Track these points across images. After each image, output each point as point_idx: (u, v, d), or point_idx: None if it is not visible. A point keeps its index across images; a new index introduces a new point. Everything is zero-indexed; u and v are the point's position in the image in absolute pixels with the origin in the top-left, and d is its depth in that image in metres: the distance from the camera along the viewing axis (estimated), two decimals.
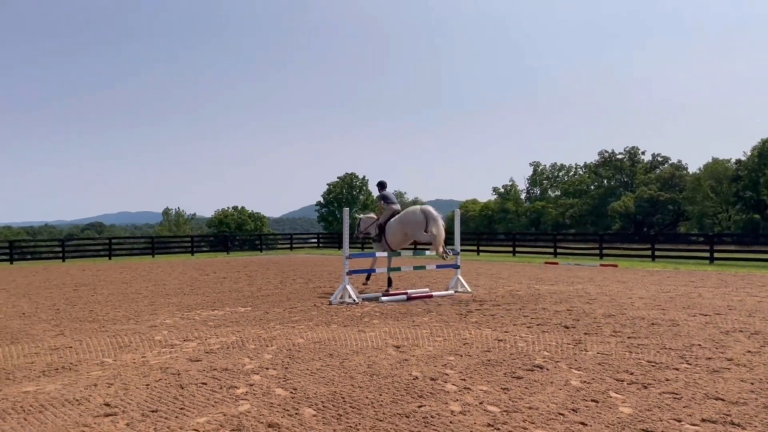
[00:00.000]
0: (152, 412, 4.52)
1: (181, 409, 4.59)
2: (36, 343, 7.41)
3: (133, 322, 8.95)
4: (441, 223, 11.82)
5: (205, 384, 5.29)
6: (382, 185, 13.26)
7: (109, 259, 29.62)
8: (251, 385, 5.25)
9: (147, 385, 5.29)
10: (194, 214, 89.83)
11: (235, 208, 76.67)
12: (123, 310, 10.16)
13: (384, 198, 13.00)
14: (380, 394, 4.90)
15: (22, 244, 37.09)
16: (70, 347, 7.08)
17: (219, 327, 8.35)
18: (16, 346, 7.20)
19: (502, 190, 77.49)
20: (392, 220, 12.50)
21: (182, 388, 5.17)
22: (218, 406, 4.64)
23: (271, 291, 12.91)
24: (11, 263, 27.21)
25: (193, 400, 4.82)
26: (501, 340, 7.12)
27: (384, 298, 10.86)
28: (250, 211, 75.04)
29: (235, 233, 58.11)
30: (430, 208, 12.01)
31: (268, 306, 10.47)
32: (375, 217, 13.41)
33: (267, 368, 5.85)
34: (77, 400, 4.84)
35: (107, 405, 4.71)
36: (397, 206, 12.95)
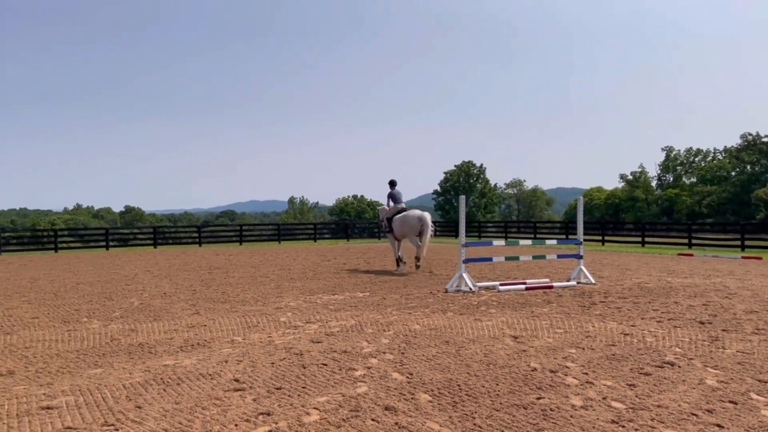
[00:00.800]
0: (277, 389, 4.75)
1: (303, 387, 4.79)
2: (175, 320, 8.05)
3: (260, 303, 9.46)
4: (430, 232, 14.43)
5: (325, 365, 5.48)
6: (392, 184, 15.69)
7: (240, 244, 31.53)
8: (369, 368, 5.36)
9: (272, 363, 5.57)
10: (317, 203, 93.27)
11: (354, 196, 78.66)
12: (252, 293, 10.77)
13: (392, 196, 15.52)
14: (497, 384, 4.82)
15: (165, 230, 40.47)
16: (205, 325, 7.61)
17: (339, 311, 8.62)
18: (158, 323, 7.87)
19: (630, 177, 73.33)
20: (397, 216, 14.97)
21: (304, 368, 5.39)
22: (337, 387, 4.78)
23: (389, 277, 13.11)
24: (155, 247, 29.76)
25: (315, 379, 5.01)
26: (627, 335, 6.74)
27: (502, 288, 10.68)
28: (369, 200, 76.64)
29: (354, 221, 59.70)
30: (427, 218, 14.35)
31: (385, 292, 10.65)
32: (387, 209, 15.62)
33: (384, 352, 5.95)
34: (210, 375, 5.19)
35: (236, 380, 5.01)
36: (402, 205, 15.42)
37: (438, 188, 77.81)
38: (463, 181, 75.72)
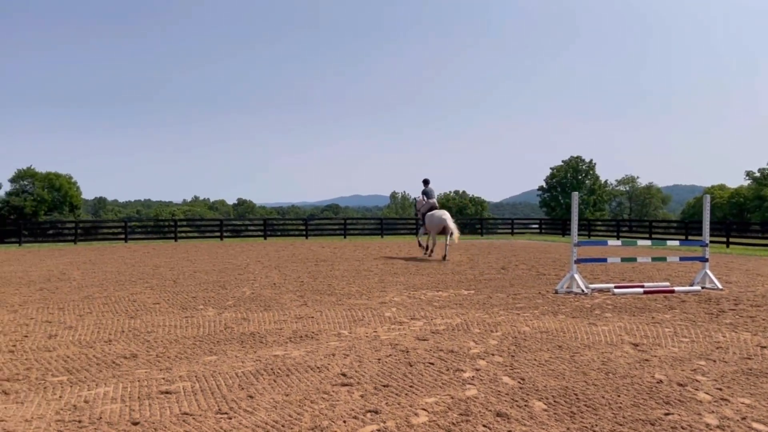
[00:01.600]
0: (384, 386, 4.68)
1: (411, 386, 4.68)
2: (284, 311, 8.23)
3: (365, 297, 9.50)
4: (453, 225, 17.03)
5: (432, 364, 5.34)
6: (425, 182, 18.51)
7: (344, 237, 32.14)
8: (477, 370, 5.17)
9: (378, 359, 5.52)
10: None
11: (456, 192, 78.00)
12: (356, 286, 10.85)
13: (426, 193, 18.18)
14: (618, 395, 4.47)
15: (274, 222, 42.05)
16: (312, 317, 7.72)
17: (444, 308, 8.46)
18: (268, 313, 8.08)
19: (758, 174, 67.52)
20: (428, 213, 17.47)
21: (411, 366, 5.29)
22: (446, 388, 4.63)
23: (494, 276, 12.78)
24: (265, 238, 30.98)
25: (422, 379, 4.89)
26: (765, 347, 6.09)
27: (617, 290, 10.06)
28: (470, 196, 75.75)
29: (456, 217, 59.33)
30: (447, 218, 17.04)
31: (491, 290, 10.36)
32: (421, 203, 18.24)
33: (493, 354, 5.73)
34: (318, 368, 5.21)
35: (344, 375, 4.99)
36: (434, 201, 18.14)
37: (543, 184, 75.50)
38: (571, 177, 72.96)
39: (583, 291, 10.05)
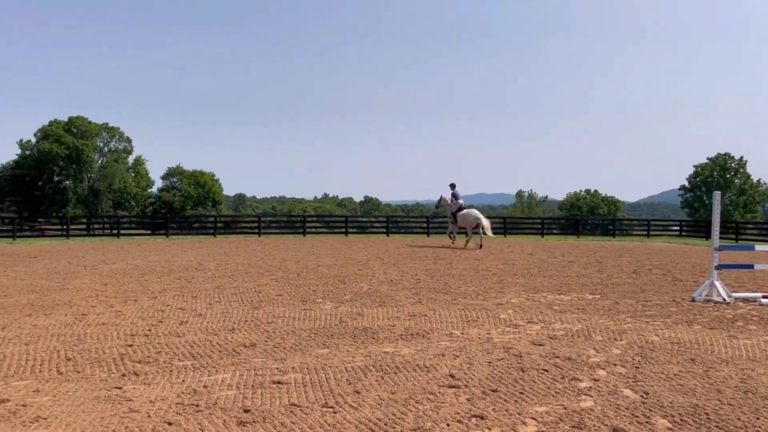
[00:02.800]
0: (492, 391, 4.51)
1: (521, 393, 4.47)
2: (398, 308, 8.24)
3: (481, 298, 9.29)
4: (486, 221, 20.80)
5: (546, 371, 5.08)
6: (452, 186, 22.08)
7: (465, 235, 31.81)
8: (596, 380, 4.84)
9: (489, 362, 5.34)
10: (546, 197, 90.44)
11: (587, 191, 74.63)
12: (473, 286, 10.65)
13: (455, 196, 21.79)
14: (757, 418, 3.98)
15: (397, 219, 42.59)
16: (425, 315, 7.66)
17: (564, 312, 8.05)
18: (382, 309, 8.14)
19: None
20: (460, 212, 21.03)
21: (523, 371, 5.06)
22: (559, 398, 4.37)
23: (623, 280, 12.00)
24: (387, 235, 31.45)
25: (533, 386, 4.66)
26: None
27: (765, 300, 9.05)
28: (603, 195, 72.14)
29: (586, 217, 56.58)
30: (480, 216, 20.73)
31: (618, 296, 9.72)
32: (450, 203, 21.84)
33: (615, 364, 5.34)
34: (426, 367, 5.14)
35: (452, 376, 4.88)
36: (461, 202, 21.70)
37: (686, 183, 70.09)
38: (718, 176, 67.12)
39: (724, 300, 9.14)
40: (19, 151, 68.40)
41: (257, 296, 9.23)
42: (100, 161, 71.44)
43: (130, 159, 76.07)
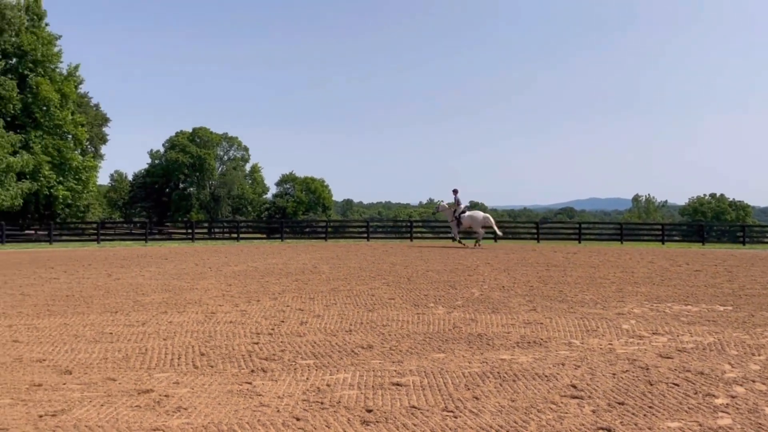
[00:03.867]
0: (618, 404, 4.33)
1: (650, 407, 4.26)
2: (512, 315, 8.11)
3: (600, 307, 8.93)
4: (492, 220, 24.69)
5: (676, 385, 4.80)
6: (455, 192, 24.36)
7: (579, 242, 30.71)
8: (733, 396, 4.51)
9: (613, 374, 5.13)
10: (665, 201, 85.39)
11: (712, 195, 69.73)
12: (590, 294, 10.26)
13: (457, 201, 24.21)
14: None
15: (505, 224, 41.80)
16: (541, 323, 7.49)
17: (693, 324, 7.57)
18: (495, 315, 8.04)
19: None
20: (464, 214, 23.82)
21: (651, 384, 4.82)
22: (693, 414, 4.12)
23: (758, 291, 11.08)
24: (495, 241, 31.00)
25: (663, 400, 4.42)
26: None
27: None
28: (730, 200, 67.07)
29: (712, 223, 52.77)
30: (487, 215, 24.97)
31: (753, 308, 8.99)
32: (448, 207, 24.55)
33: (753, 381, 4.95)
34: (546, 376, 5.03)
35: (574, 387, 4.74)
36: (463, 206, 24.40)
37: None
38: None
39: None
40: (149, 161, 74.11)
41: (371, 299, 9.43)
42: (220, 169, 75.90)
43: (248, 167, 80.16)
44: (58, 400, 4.53)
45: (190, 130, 73.59)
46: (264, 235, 35.90)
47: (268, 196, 79.19)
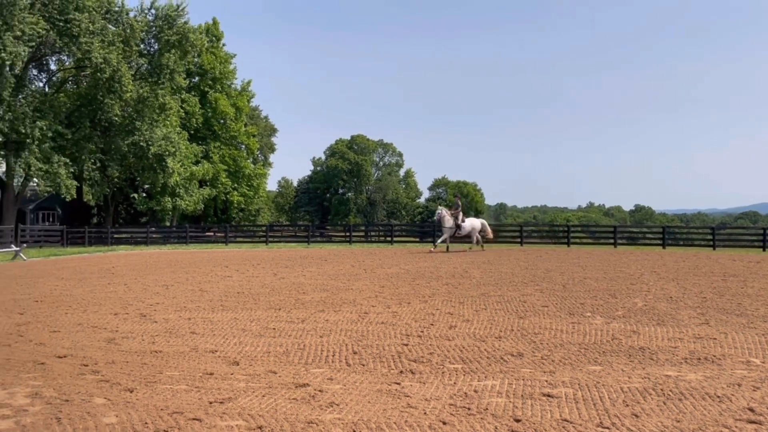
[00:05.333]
0: None
1: None
2: (680, 328, 7.44)
3: None
4: (488, 226, 25.69)
5: None
6: (457, 197, 26.40)
7: (763, 250, 27.45)
8: None
9: None
10: None
11: None
12: None
13: (459, 207, 24.22)
14: None
15: (675, 230, 38.63)
16: (714, 339, 6.78)
17: None
18: (661, 328, 7.43)
19: None
20: (464, 222, 23.95)
21: None
22: None
23: None
24: (663, 247, 28.72)
25: None
26: None
27: None
28: None
29: None
30: (483, 221, 25.86)
31: None
32: (451, 213, 23.78)
33: None
34: (718, 397, 4.54)
35: (751, 410, 4.24)
36: (460, 213, 24.15)
37: None
38: None
39: None
40: (312, 168, 78.68)
41: (522, 306, 9.18)
42: (376, 174, 78.54)
43: (402, 172, 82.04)
44: (226, 388, 4.94)
45: (349, 138, 77.05)
46: (417, 239, 36.45)
47: (421, 200, 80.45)
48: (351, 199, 74.05)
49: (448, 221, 23.40)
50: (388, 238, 34.62)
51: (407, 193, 79.19)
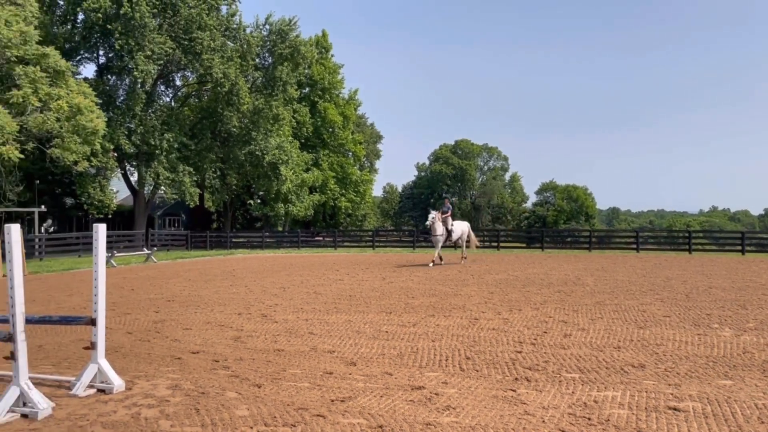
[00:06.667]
0: None
1: None
2: None
3: None
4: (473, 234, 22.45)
5: None
6: (447, 199, 22.30)
7: None
8: None
9: None
10: None
11: None
12: None
13: (448, 209, 20.49)
14: None
15: None
16: None
17: None
18: None
19: None
20: (453, 226, 20.15)
21: None
22: None
23: None
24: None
25: None
26: None
27: None
28: None
29: None
30: (467, 224, 21.81)
31: None
32: (441, 218, 19.96)
33: None
34: None
35: None
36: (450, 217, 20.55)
37: None
38: None
39: None
40: (416, 173, 79.26)
41: (641, 315, 8.79)
42: (480, 179, 77.78)
43: (507, 176, 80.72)
44: (345, 387, 5.15)
45: (453, 143, 76.90)
46: (524, 245, 35.71)
47: (528, 204, 78.68)
48: (455, 204, 73.83)
49: (439, 228, 19.61)
50: (494, 244, 34.18)
51: (513, 197, 77.75)
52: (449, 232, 19.97)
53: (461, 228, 20.88)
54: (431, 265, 19.25)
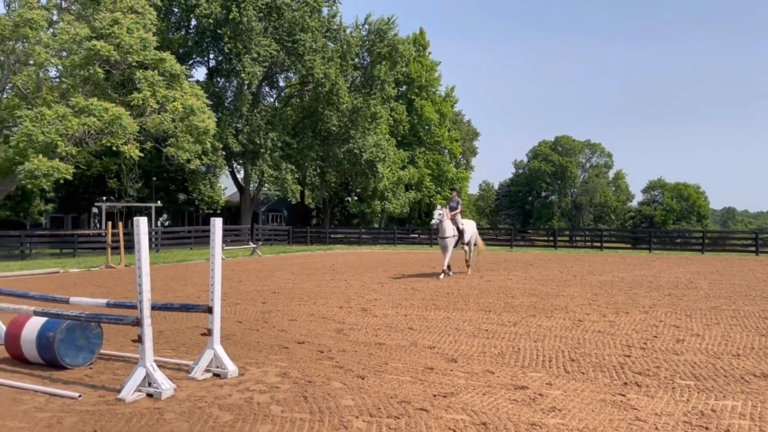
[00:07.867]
0: None
1: None
2: None
3: None
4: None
5: None
6: (454, 190, 17.91)
7: None
8: None
9: None
10: None
11: None
12: None
13: (458, 205, 16.35)
14: None
15: None
16: None
17: None
18: None
19: None
20: (463, 224, 16.02)
21: None
22: None
23: None
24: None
25: None
26: None
27: None
28: None
29: None
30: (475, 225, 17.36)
31: None
32: (450, 214, 15.60)
33: None
34: None
35: None
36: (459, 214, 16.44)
37: None
38: None
39: None
40: (513, 170, 77.75)
41: (764, 322, 8.17)
42: (582, 177, 75.09)
43: (611, 173, 77.46)
44: (447, 383, 5.17)
45: (553, 139, 74.72)
46: (629, 245, 34.11)
47: (633, 203, 75.08)
48: (555, 203, 71.69)
49: (449, 228, 15.19)
50: (597, 244, 32.89)
51: (617, 196, 74.43)
52: (461, 233, 15.69)
53: (472, 228, 16.85)
54: (441, 276, 14.90)
